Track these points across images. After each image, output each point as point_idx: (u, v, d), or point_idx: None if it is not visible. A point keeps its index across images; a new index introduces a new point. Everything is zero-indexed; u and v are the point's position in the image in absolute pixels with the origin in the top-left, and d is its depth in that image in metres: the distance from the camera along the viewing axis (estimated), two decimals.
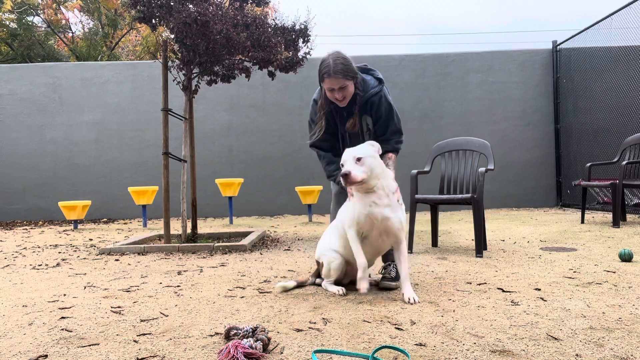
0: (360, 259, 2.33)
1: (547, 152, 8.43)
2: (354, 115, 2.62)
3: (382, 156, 2.56)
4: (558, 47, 8.36)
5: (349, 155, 2.26)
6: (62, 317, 2.14)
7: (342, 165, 2.27)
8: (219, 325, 1.96)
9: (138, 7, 4.27)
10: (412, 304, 2.22)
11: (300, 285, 2.63)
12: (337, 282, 2.60)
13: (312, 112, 2.75)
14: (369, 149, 2.30)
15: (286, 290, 2.55)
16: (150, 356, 1.64)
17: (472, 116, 8.43)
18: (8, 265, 3.65)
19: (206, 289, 2.67)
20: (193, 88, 4.64)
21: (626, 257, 3.12)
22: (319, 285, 2.66)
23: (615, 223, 5.04)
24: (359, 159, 2.22)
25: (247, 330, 1.72)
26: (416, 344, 1.69)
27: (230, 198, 6.92)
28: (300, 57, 4.80)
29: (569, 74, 8.07)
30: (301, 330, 1.87)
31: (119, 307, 2.30)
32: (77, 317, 2.15)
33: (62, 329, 1.96)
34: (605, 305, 2.11)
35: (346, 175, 2.17)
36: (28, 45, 15.12)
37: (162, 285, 2.78)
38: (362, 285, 2.28)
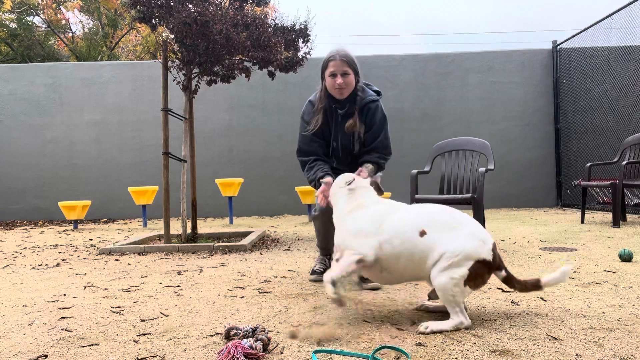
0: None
1: (547, 152, 8.43)
2: (353, 116, 2.63)
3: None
4: (558, 47, 8.36)
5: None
6: (62, 317, 2.14)
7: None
8: (219, 325, 1.96)
9: (138, 7, 4.27)
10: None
11: None
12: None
13: (305, 112, 2.75)
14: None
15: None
16: (150, 356, 1.64)
17: (472, 116, 8.43)
18: (8, 265, 3.65)
19: (206, 289, 2.67)
20: (193, 88, 4.64)
21: (626, 257, 3.12)
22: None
23: (615, 223, 5.03)
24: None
25: (247, 330, 1.72)
26: (416, 344, 1.69)
27: (230, 198, 6.92)
28: (300, 57, 4.80)
29: (569, 74, 8.07)
30: None
31: (119, 307, 2.30)
32: (77, 317, 2.14)
33: (62, 329, 1.96)
34: (605, 305, 2.11)
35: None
36: (28, 45, 15.13)
37: (162, 285, 2.78)
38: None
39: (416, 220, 1.93)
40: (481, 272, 1.86)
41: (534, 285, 1.96)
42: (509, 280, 1.96)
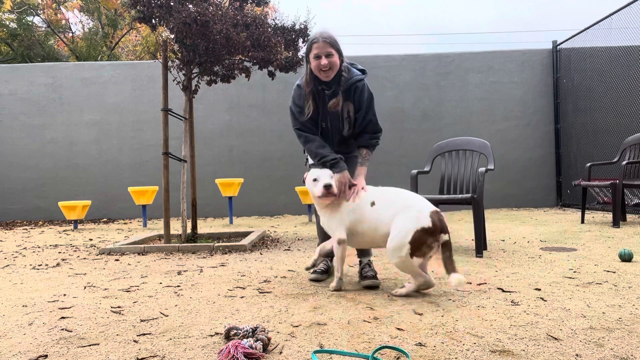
0: None
1: (547, 152, 8.43)
2: (337, 96, 2.66)
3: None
4: (558, 47, 8.36)
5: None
6: (62, 317, 2.14)
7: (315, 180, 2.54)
8: (219, 325, 1.96)
9: (138, 7, 4.27)
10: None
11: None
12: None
13: (295, 96, 2.79)
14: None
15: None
16: (150, 356, 1.64)
17: (472, 116, 8.43)
18: (8, 265, 3.65)
19: (206, 289, 2.67)
20: (193, 88, 4.64)
21: (626, 257, 3.12)
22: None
23: (615, 223, 5.04)
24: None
25: (247, 330, 1.72)
26: (416, 344, 1.69)
27: (230, 198, 6.92)
28: (300, 57, 4.80)
29: (569, 74, 8.07)
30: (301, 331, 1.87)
31: (119, 307, 2.30)
32: (77, 317, 2.15)
33: (62, 329, 1.96)
34: (605, 305, 2.11)
35: (329, 187, 2.48)
36: (28, 45, 15.13)
37: (162, 285, 2.78)
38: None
39: (370, 194, 2.50)
40: (424, 239, 2.28)
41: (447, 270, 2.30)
42: (446, 245, 2.31)
